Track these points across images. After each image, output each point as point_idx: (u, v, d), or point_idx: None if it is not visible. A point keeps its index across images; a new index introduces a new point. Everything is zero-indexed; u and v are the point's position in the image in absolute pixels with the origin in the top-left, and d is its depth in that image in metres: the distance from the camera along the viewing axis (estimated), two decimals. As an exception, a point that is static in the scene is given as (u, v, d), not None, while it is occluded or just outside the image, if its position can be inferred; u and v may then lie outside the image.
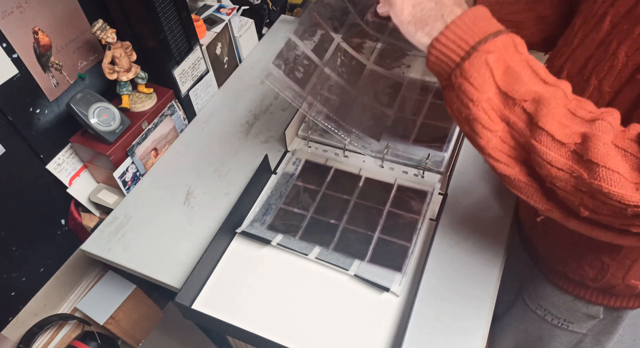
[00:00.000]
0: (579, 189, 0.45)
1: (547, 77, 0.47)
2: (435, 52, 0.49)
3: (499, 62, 0.46)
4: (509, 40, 0.46)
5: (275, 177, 0.84)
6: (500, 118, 0.48)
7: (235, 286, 0.71)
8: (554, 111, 0.45)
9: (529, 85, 0.46)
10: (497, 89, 0.46)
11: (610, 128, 0.44)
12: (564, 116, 0.45)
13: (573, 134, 0.44)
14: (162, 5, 0.81)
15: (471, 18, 0.47)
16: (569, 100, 0.46)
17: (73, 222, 0.93)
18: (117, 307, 1.07)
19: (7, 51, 0.71)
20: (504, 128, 0.48)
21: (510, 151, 0.49)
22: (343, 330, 0.66)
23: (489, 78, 0.46)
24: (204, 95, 1.00)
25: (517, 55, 0.47)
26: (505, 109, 0.47)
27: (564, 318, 0.74)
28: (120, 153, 0.83)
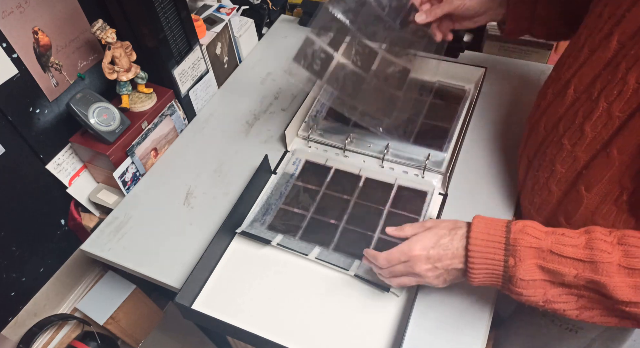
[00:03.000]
0: None
1: (576, 252, 0.49)
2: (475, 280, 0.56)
3: (531, 271, 0.51)
4: (523, 239, 0.52)
5: (275, 177, 0.84)
6: (575, 302, 0.52)
7: (235, 287, 0.71)
8: (614, 282, 0.47)
9: (571, 273, 0.49)
10: (552, 287, 0.52)
11: None
12: (627, 278, 0.47)
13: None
14: (162, 5, 0.81)
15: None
16: (614, 255, 0.48)
17: (73, 222, 0.93)
18: (117, 307, 1.07)
19: (7, 51, 0.71)
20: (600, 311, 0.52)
21: None
22: (343, 330, 0.66)
23: (541, 287, 0.52)
24: (203, 95, 1.00)
25: (537, 252, 0.51)
26: (574, 291, 0.51)
27: (573, 322, 0.73)
28: (120, 153, 0.83)
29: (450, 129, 0.87)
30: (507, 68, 1.00)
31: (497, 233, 0.54)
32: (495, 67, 0.99)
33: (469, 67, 0.94)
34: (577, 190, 0.59)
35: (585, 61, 0.58)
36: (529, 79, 0.98)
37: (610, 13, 0.54)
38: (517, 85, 0.97)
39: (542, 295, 0.52)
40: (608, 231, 0.51)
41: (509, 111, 0.92)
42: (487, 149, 0.86)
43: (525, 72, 0.99)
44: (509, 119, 0.90)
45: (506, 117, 0.91)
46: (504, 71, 0.99)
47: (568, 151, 0.60)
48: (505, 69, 1.00)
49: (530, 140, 0.70)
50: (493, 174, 0.82)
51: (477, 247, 0.54)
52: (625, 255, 0.48)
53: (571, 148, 0.59)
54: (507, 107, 0.92)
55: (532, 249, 0.51)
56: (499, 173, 0.82)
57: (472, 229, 0.55)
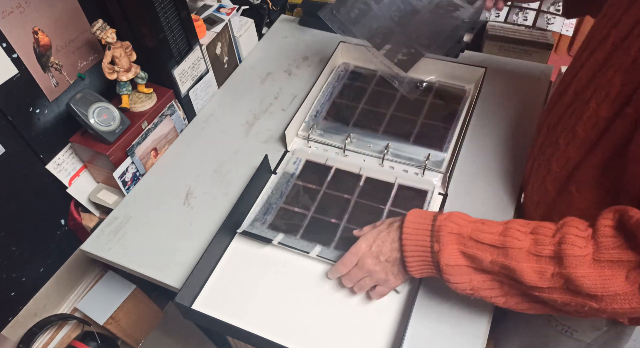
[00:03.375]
0: (602, 311, 0.47)
1: (492, 239, 0.53)
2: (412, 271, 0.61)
3: (454, 256, 0.54)
4: (450, 235, 0.55)
5: (275, 177, 0.84)
6: (499, 288, 0.55)
7: (235, 286, 0.71)
8: (521, 266, 0.50)
9: (487, 258, 0.52)
10: (475, 272, 0.55)
11: (579, 250, 0.47)
12: (533, 263, 0.50)
13: (553, 277, 0.48)
14: (162, 5, 0.81)
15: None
16: (524, 242, 0.51)
17: (73, 222, 0.93)
18: (117, 307, 1.07)
19: (7, 51, 0.71)
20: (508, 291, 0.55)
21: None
22: (343, 330, 0.66)
23: (465, 272, 0.55)
24: (203, 95, 1.00)
25: (458, 237, 0.55)
26: (495, 277, 0.54)
27: (568, 325, 0.74)
28: (120, 153, 0.83)
29: (450, 129, 0.87)
30: (507, 68, 1.00)
31: (425, 222, 0.58)
32: (495, 67, 0.99)
33: (469, 67, 0.94)
34: (569, 190, 0.60)
35: (585, 62, 0.58)
36: (529, 79, 0.98)
37: (611, 14, 0.55)
38: (517, 85, 0.97)
39: (469, 282, 0.55)
40: (525, 223, 0.53)
41: (508, 111, 0.92)
42: (487, 149, 0.86)
43: (525, 72, 0.99)
44: (509, 119, 0.90)
45: (506, 117, 0.91)
46: (504, 71, 0.99)
47: (562, 150, 0.61)
48: (505, 69, 1.00)
49: (536, 139, 0.71)
50: (493, 174, 0.82)
51: (408, 236, 0.58)
52: (535, 242, 0.50)
53: (565, 148, 0.60)
54: (507, 107, 0.92)
55: (453, 235, 0.55)
56: (499, 172, 0.82)
57: (405, 220, 0.59)
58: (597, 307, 0.46)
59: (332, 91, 0.96)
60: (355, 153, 0.86)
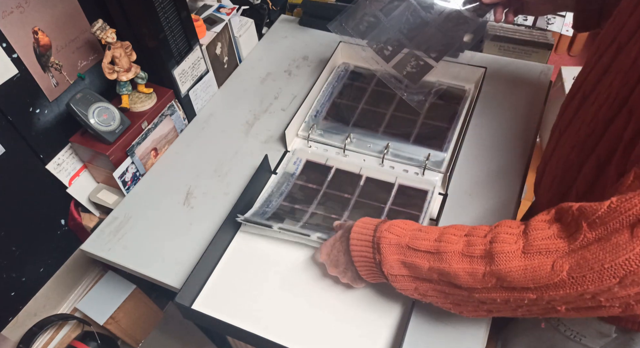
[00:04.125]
0: (538, 304, 0.47)
1: (427, 245, 0.53)
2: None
3: (395, 266, 0.55)
4: (388, 246, 0.56)
5: (275, 177, 0.84)
6: (443, 295, 0.55)
7: (235, 286, 0.71)
8: (454, 268, 0.50)
9: (425, 265, 0.53)
10: (418, 281, 0.55)
11: (508, 246, 0.47)
12: (465, 265, 0.50)
13: (485, 276, 0.48)
14: (162, 5, 0.81)
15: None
16: (457, 244, 0.51)
17: (73, 222, 0.93)
18: (117, 307, 1.07)
19: (7, 51, 0.71)
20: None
21: None
22: (343, 330, 0.66)
23: (408, 281, 0.56)
24: (203, 95, 1.00)
25: (397, 248, 0.55)
26: (437, 286, 0.54)
27: (577, 331, 0.73)
28: (120, 153, 0.83)
29: (450, 129, 0.87)
30: (507, 68, 1.00)
31: (367, 232, 0.59)
32: (495, 67, 0.99)
33: (469, 67, 0.94)
34: (573, 194, 0.60)
35: (593, 66, 0.59)
36: (529, 79, 0.98)
37: (618, 19, 0.55)
38: (517, 85, 0.97)
39: (414, 290, 0.56)
40: (462, 227, 0.53)
41: (508, 111, 0.92)
42: (487, 149, 0.86)
43: (525, 72, 0.99)
44: (508, 119, 0.90)
45: (506, 117, 0.91)
46: (504, 71, 0.99)
47: (567, 154, 0.60)
48: (505, 69, 1.00)
49: (548, 142, 0.71)
50: (493, 174, 0.82)
51: (354, 247, 0.60)
52: (467, 244, 0.50)
53: (570, 152, 0.60)
54: (507, 107, 0.92)
55: (392, 246, 0.56)
56: (499, 173, 0.82)
57: (351, 231, 0.61)
58: (534, 297, 0.46)
59: (332, 91, 0.96)
60: (356, 152, 0.86)
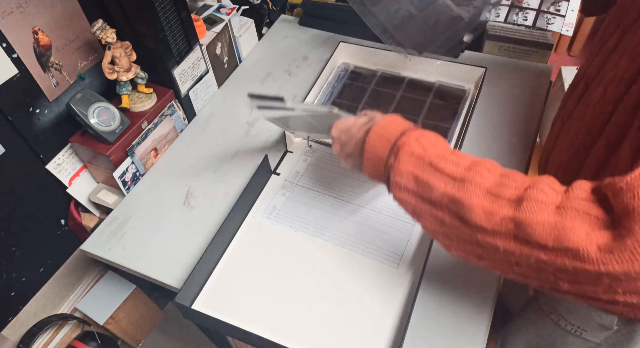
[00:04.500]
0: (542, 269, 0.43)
1: (454, 170, 0.48)
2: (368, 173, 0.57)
3: (406, 176, 0.50)
4: (407, 154, 0.51)
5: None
6: (440, 223, 0.49)
7: (235, 286, 0.71)
8: (472, 202, 0.45)
9: (440, 188, 0.48)
10: (421, 201, 0.50)
11: (544, 197, 0.43)
12: (486, 202, 0.45)
13: (504, 219, 0.43)
14: (162, 5, 0.81)
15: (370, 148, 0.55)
16: (488, 180, 0.46)
17: (73, 222, 0.93)
18: (117, 307, 1.07)
19: (7, 51, 0.71)
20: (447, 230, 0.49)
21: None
22: (343, 330, 0.66)
23: (411, 197, 0.50)
24: (203, 95, 1.00)
25: (418, 160, 0.50)
26: (439, 213, 0.49)
27: (577, 325, 0.73)
28: (120, 153, 0.83)
29: (450, 129, 0.87)
30: (507, 68, 1.00)
31: (393, 133, 0.54)
32: (495, 67, 0.99)
33: (469, 67, 0.94)
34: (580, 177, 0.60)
35: (598, 52, 0.59)
36: (529, 79, 0.98)
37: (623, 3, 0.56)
38: (517, 85, 0.97)
39: (412, 206, 0.51)
40: (500, 167, 0.49)
41: (508, 111, 0.92)
42: (487, 149, 0.86)
43: (525, 72, 0.99)
44: (509, 118, 0.90)
45: (506, 117, 0.91)
46: (504, 71, 0.99)
47: (572, 140, 0.61)
48: (505, 69, 1.00)
49: (549, 136, 0.72)
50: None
51: (372, 142, 0.55)
52: (499, 184, 0.46)
53: (575, 136, 0.60)
54: (507, 107, 0.92)
55: (413, 157, 0.51)
56: (499, 173, 0.82)
57: (376, 124, 0.56)
58: (545, 258, 0.41)
59: (332, 91, 0.97)
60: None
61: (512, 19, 1.04)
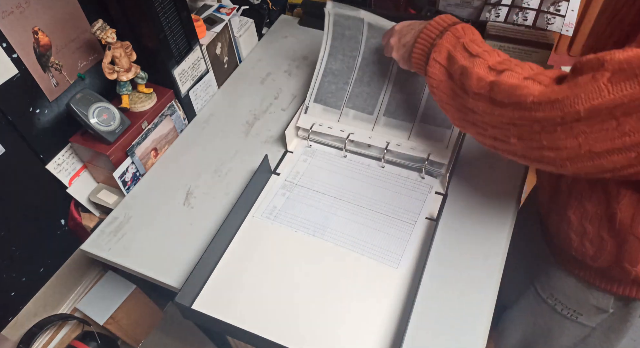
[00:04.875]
0: (502, 126, 0.54)
1: (476, 50, 0.59)
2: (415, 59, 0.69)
3: (442, 54, 0.62)
4: (451, 35, 0.62)
5: None
6: (451, 90, 0.62)
7: (236, 286, 0.71)
8: (473, 71, 0.56)
9: (459, 62, 0.59)
10: (445, 74, 0.62)
11: (520, 71, 0.53)
12: (482, 71, 0.56)
13: (485, 84, 0.54)
14: (162, 5, 0.81)
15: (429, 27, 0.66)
16: (494, 59, 0.57)
17: (73, 222, 0.93)
18: (117, 306, 1.07)
19: (7, 51, 0.71)
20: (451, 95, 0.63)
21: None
22: (343, 330, 0.66)
23: (440, 68, 0.63)
24: (204, 95, 1.00)
25: (456, 40, 0.62)
26: (450, 82, 0.61)
27: (573, 309, 0.75)
28: (120, 153, 0.83)
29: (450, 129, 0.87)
30: (507, 68, 1.00)
31: (447, 21, 0.65)
32: (495, 67, 0.99)
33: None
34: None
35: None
36: (529, 79, 0.98)
37: None
38: (517, 85, 0.96)
39: (437, 80, 0.62)
40: (510, 59, 0.58)
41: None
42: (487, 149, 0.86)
43: (525, 72, 0.99)
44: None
45: (506, 117, 0.91)
46: (504, 71, 0.99)
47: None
48: (505, 69, 1.00)
49: None
50: (493, 174, 0.82)
51: (429, 26, 0.65)
52: (500, 62, 0.56)
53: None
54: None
55: (453, 38, 0.62)
56: (499, 172, 0.82)
57: (437, 17, 0.66)
58: (498, 113, 0.52)
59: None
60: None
61: (512, 19, 1.04)
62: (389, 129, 0.85)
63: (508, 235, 0.74)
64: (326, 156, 0.87)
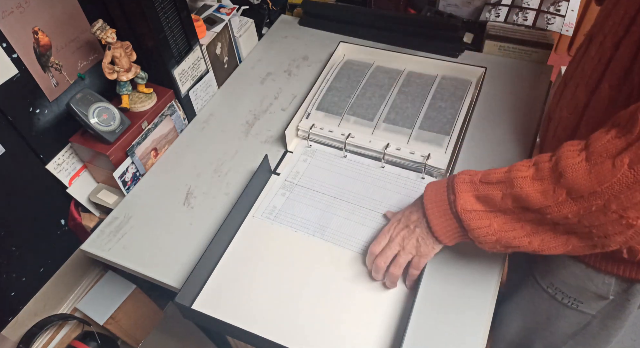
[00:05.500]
0: (608, 209, 0.48)
1: (499, 177, 0.56)
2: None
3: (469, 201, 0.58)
4: (460, 183, 0.59)
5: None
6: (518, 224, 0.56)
7: (235, 286, 0.71)
8: (526, 191, 0.53)
9: (498, 196, 0.56)
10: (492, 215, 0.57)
11: (572, 160, 0.50)
12: (537, 186, 0.52)
13: (556, 191, 0.50)
14: (162, 5, 0.81)
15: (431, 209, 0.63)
16: (527, 172, 0.54)
17: (73, 222, 0.93)
18: (117, 306, 1.07)
19: (7, 51, 0.71)
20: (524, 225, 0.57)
21: None
22: (343, 330, 0.66)
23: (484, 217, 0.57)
24: (203, 95, 1.00)
25: (473, 184, 0.58)
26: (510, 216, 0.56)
27: (574, 297, 0.75)
28: (120, 153, 0.83)
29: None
30: (507, 68, 1.00)
31: (442, 182, 0.63)
32: (495, 67, 0.99)
33: (469, 67, 0.94)
34: (580, 132, 0.62)
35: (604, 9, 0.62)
36: (529, 79, 0.98)
37: None
38: (517, 85, 0.97)
39: (489, 227, 0.57)
40: (528, 160, 0.56)
41: (508, 111, 0.92)
42: (487, 149, 0.86)
43: (525, 72, 0.99)
44: (509, 119, 0.90)
45: (506, 117, 0.91)
46: (504, 71, 0.99)
47: (572, 93, 0.63)
48: (505, 69, 1.00)
49: (552, 101, 0.75)
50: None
51: (429, 197, 0.63)
52: (536, 170, 0.53)
53: (574, 90, 0.63)
54: (507, 107, 0.92)
55: (466, 183, 0.59)
56: (499, 173, 0.82)
57: (425, 189, 0.65)
58: (602, 203, 0.47)
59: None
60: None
61: (512, 19, 1.04)
62: (388, 133, 0.86)
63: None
64: (326, 156, 0.87)
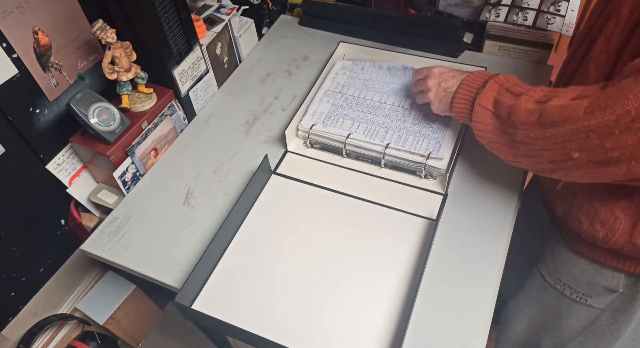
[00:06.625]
0: (558, 146, 0.55)
1: (520, 90, 0.63)
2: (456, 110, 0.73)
3: (488, 100, 0.66)
4: (495, 83, 0.67)
5: None
6: (499, 129, 0.65)
7: (236, 286, 0.71)
8: (520, 108, 0.59)
9: (506, 103, 0.63)
10: (493, 117, 0.66)
11: (565, 95, 0.55)
12: (530, 105, 0.59)
13: (534, 112, 0.57)
14: (162, 5, 0.81)
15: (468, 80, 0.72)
16: (534, 96, 0.60)
17: (73, 222, 0.93)
18: (117, 306, 1.07)
19: (7, 51, 0.71)
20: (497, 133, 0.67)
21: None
22: (343, 330, 0.66)
23: (487, 112, 0.67)
24: (203, 95, 1.00)
25: (500, 87, 0.66)
26: (497, 122, 0.65)
27: (583, 291, 0.75)
28: (120, 153, 0.83)
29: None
30: (507, 68, 1.00)
31: (486, 74, 0.70)
32: (495, 67, 0.99)
33: (469, 67, 0.94)
34: None
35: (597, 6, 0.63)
36: (529, 79, 0.98)
37: None
38: (517, 85, 0.97)
39: (485, 125, 0.66)
40: (550, 88, 0.61)
41: (509, 111, 0.92)
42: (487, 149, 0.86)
43: (525, 72, 0.99)
44: (509, 119, 0.90)
45: (506, 117, 0.91)
46: (504, 71, 0.99)
47: None
48: (505, 69, 1.00)
49: None
50: (493, 174, 0.82)
51: (468, 79, 0.71)
52: (544, 95, 0.58)
53: None
54: (507, 107, 0.92)
55: (497, 84, 0.66)
56: (499, 172, 0.82)
57: (469, 75, 0.72)
58: (555, 132, 0.54)
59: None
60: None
61: (512, 19, 1.04)
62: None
63: (508, 235, 0.74)
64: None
